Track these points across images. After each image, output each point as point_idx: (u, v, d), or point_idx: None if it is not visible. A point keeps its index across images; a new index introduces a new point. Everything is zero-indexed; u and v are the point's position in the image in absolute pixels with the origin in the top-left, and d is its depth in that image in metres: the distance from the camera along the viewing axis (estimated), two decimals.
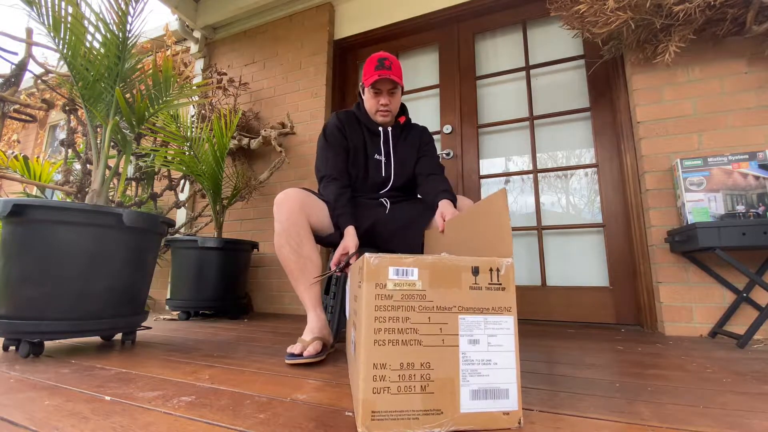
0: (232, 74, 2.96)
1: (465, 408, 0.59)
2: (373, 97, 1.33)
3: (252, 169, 2.77)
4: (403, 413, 0.57)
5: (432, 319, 0.60)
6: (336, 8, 2.82)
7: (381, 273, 0.60)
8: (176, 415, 0.64)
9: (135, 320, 1.28)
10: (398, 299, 0.60)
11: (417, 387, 0.58)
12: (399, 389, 0.57)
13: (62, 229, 1.10)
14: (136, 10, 1.37)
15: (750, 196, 1.46)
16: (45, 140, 4.46)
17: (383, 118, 1.36)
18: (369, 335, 0.58)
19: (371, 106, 1.35)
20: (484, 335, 0.62)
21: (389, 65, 1.28)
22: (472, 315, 0.62)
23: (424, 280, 0.61)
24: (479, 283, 0.63)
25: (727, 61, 1.70)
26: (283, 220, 1.17)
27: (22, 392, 0.76)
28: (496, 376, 0.61)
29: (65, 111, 2.01)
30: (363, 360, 0.58)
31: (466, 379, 0.60)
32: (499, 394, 0.60)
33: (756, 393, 0.79)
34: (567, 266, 2.07)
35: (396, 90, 1.34)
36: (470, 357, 0.60)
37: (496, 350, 0.61)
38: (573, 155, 2.18)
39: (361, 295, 0.62)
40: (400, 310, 0.59)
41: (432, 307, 0.61)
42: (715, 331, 1.52)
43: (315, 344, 1.05)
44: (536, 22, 2.34)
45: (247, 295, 2.51)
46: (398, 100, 1.37)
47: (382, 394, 0.57)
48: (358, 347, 0.62)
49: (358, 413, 0.57)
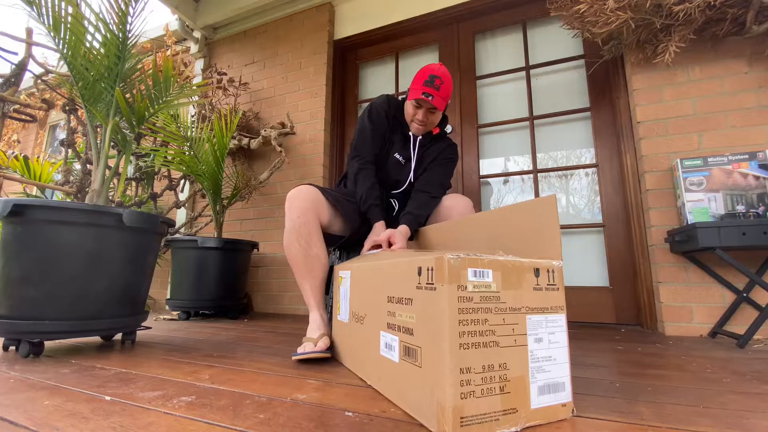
0: (232, 74, 2.96)
1: (534, 404, 0.61)
2: (412, 108, 1.31)
3: (252, 169, 2.77)
4: (487, 416, 0.57)
5: (506, 320, 0.61)
6: (336, 8, 2.82)
7: (462, 274, 0.59)
8: (176, 415, 0.64)
9: (135, 320, 1.28)
10: (477, 301, 0.59)
11: (497, 388, 0.58)
12: (482, 392, 0.57)
13: (62, 229, 1.10)
14: (136, 10, 1.37)
15: (750, 196, 1.46)
16: (45, 140, 4.46)
17: (416, 130, 1.35)
18: (454, 339, 0.56)
19: (409, 115, 1.34)
20: (546, 333, 0.64)
21: (438, 85, 1.23)
22: (536, 314, 0.64)
23: (497, 281, 0.61)
24: (540, 284, 0.65)
25: (727, 61, 1.70)
26: (294, 218, 1.15)
27: (22, 392, 0.76)
28: (556, 371, 0.64)
29: (65, 111, 2.01)
30: (449, 365, 0.56)
31: (534, 376, 0.62)
32: (558, 388, 0.64)
33: (756, 393, 0.79)
34: (567, 266, 2.07)
35: (436, 110, 1.30)
36: (536, 355, 0.63)
37: (555, 347, 0.65)
38: (573, 155, 2.18)
39: (436, 297, 0.59)
40: (479, 312, 0.59)
41: (505, 308, 0.62)
42: (715, 331, 1.52)
43: (324, 340, 1.05)
44: (536, 22, 2.34)
45: (247, 295, 2.51)
46: (437, 118, 1.35)
47: (468, 399, 0.56)
48: (431, 352, 0.60)
49: (444, 421, 0.55)
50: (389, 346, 0.74)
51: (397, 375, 0.70)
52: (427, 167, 1.39)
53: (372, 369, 0.83)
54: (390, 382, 0.74)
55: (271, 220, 2.63)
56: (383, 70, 2.79)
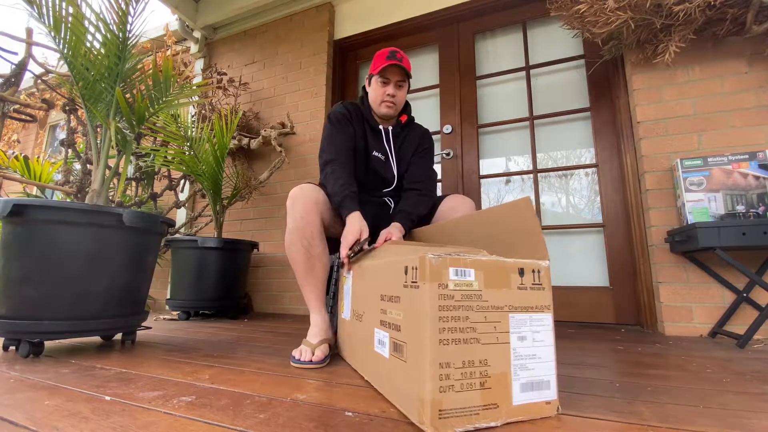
0: (232, 74, 2.96)
1: (516, 401, 0.62)
2: (380, 86, 1.31)
3: (252, 169, 2.77)
4: (465, 410, 0.59)
5: (488, 317, 0.63)
6: (336, 8, 2.82)
7: (443, 273, 0.61)
8: (176, 415, 0.64)
9: (135, 320, 1.28)
10: (459, 299, 0.61)
11: (477, 383, 0.60)
12: (462, 386, 0.59)
13: (62, 229, 1.10)
14: (136, 10, 1.37)
15: (750, 196, 1.46)
16: (45, 140, 4.46)
17: (387, 110, 1.32)
18: (434, 335, 0.59)
19: (377, 96, 1.32)
20: (530, 332, 0.66)
21: (400, 57, 1.28)
22: (520, 313, 0.65)
23: (479, 280, 0.63)
24: (525, 283, 0.67)
25: (727, 61, 1.70)
26: (297, 217, 1.12)
27: (22, 392, 0.76)
28: (540, 369, 0.65)
29: (65, 111, 2.01)
30: (429, 360, 0.58)
31: (517, 373, 0.63)
32: (542, 386, 0.65)
33: (756, 393, 0.79)
34: (567, 266, 2.07)
35: (404, 84, 1.33)
36: (519, 352, 0.64)
37: (539, 345, 0.66)
38: (573, 155, 2.18)
39: (418, 295, 0.62)
40: (460, 310, 0.61)
41: (487, 306, 0.63)
42: (715, 331, 1.52)
43: (323, 348, 1.05)
44: (536, 22, 2.34)
45: (247, 295, 2.52)
46: (404, 94, 1.35)
47: (447, 392, 0.58)
48: (414, 347, 0.62)
49: (423, 413, 0.57)
50: (381, 343, 0.77)
51: (388, 370, 0.73)
52: (410, 161, 1.38)
53: (368, 365, 0.86)
54: (382, 377, 0.77)
55: (271, 220, 2.63)
56: None
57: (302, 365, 1.00)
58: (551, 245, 2.12)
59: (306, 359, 1.01)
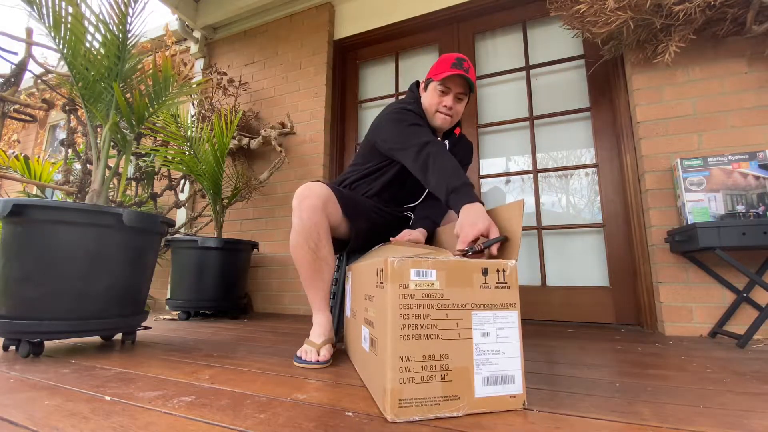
0: (232, 74, 2.96)
1: (479, 393, 0.66)
2: (438, 95, 1.21)
3: (252, 169, 2.77)
4: (426, 400, 0.63)
5: (449, 315, 0.67)
6: (336, 8, 2.82)
7: (404, 274, 0.65)
8: (176, 415, 0.64)
9: (135, 320, 1.28)
10: (419, 298, 0.66)
11: (438, 376, 0.64)
12: (422, 378, 0.63)
13: (62, 229, 1.10)
14: (136, 10, 1.37)
15: (750, 196, 1.46)
16: (45, 140, 4.46)
17: (442, 122, 1.23)
18: (395, 331, 0.64)
19: (432, 104, 1.22)
20: (494, 328, 0.69)
21: (467, 68, 1.16)
22: (483, 311, 0.68)
23: (441, 280, 0.67)
24: (488, 282, 0.70)
25: (727, 61, 1.70)
26: (304, 218, 1.06)
27: (22, 392, 0.76)
28: (505, 365, 0.68)
29: (65, 111, 2.01)
30: (390, 353, 0.63)
31: (479, 367, 0.66)
32: (506, 380, 0.68)
33: (756, 393, 0.79)
34: (567, 266, 2.07)
35: (464, 98, 1.24)
36: (482, 348, 0.67)
37: (503, 341, 0.69)
38: (573, 155, 2.18)
39: (383, 294, 0.67)
40: (421, 308, 0.65)
41: (449, 304, 0.67)
42: (715, 331, 1.52)
43: (327, 348, 1.04)
44: (536, 22, 2.34)
45: (247, 295, 2.51)
46: (462, 108, 1.26)
47: (407, 384, 0.63)
48: (381, 342, 0.67)
49: (386, 401, 0.62)
50: (365, 339, 0.83)
51: (368, 364, 0.79)
52: None
53: (358, 360, 0.92)
54: (365, 370, 0.83)
55: (271, 220, 2.63)
56: (383, 70, 2.79)
57: (308, 365, 1.00)
58: (551, 245, 2.12)
59: (312, 359, 1.01)
